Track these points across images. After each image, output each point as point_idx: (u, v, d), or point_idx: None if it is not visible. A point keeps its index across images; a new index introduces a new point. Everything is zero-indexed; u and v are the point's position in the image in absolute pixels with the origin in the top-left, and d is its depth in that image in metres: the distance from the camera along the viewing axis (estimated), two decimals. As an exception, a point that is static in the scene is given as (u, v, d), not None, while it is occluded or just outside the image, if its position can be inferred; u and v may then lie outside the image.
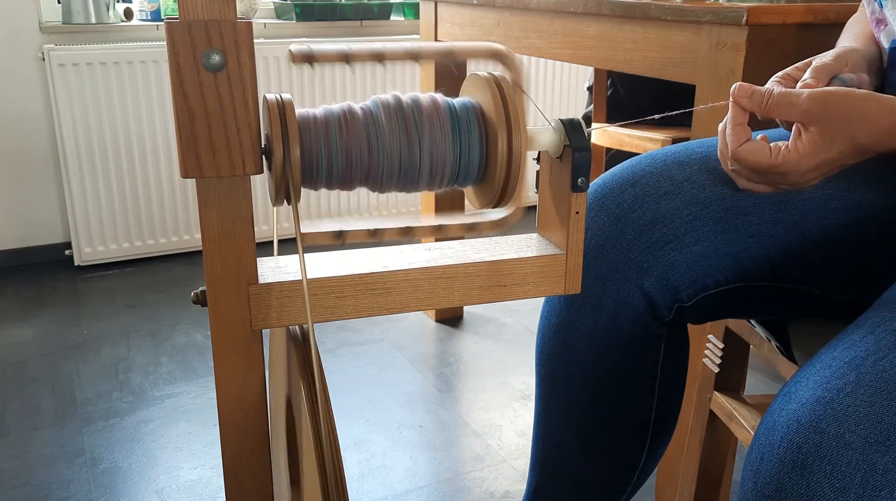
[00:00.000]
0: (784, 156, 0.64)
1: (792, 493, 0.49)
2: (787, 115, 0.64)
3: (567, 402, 0.82)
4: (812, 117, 0.63)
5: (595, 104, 2.18)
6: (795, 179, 0.65)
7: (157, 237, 2.45)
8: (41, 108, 2.31)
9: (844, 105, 0.62)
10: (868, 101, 0.62)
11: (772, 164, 0.65)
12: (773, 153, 0.65)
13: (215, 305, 0.54)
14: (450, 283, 0.58)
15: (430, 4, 1.85)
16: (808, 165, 0.64)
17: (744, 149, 0.66)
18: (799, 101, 0.63)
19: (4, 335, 1.97)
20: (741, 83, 0.67)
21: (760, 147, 0.65)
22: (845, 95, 0.63)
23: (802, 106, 0.63)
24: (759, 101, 0.66)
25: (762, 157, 0.65)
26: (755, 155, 0.65)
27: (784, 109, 0.64)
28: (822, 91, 0.63)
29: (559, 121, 0.57)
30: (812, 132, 0.63)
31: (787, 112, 0.64)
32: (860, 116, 0.62)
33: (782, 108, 0.64)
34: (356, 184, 0.56)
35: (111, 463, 1.46)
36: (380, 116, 0.54)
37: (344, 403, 1.67)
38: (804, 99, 0.63)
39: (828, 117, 0.63)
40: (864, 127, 0.62)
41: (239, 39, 0.48)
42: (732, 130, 0.67)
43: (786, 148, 0.64)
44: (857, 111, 0.62)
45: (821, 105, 0.63)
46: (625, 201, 0.75)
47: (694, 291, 0.73)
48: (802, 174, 0.65)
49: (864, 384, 0.49)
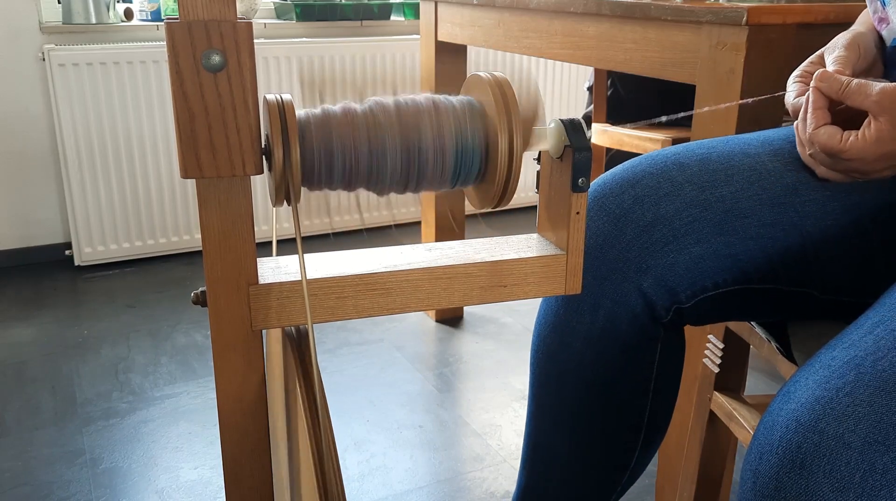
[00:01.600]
0: (851, 143, 0.67)
1: (791, 493, 0.49)
2: (861, 103, 0.67)
3: (561, 401, 0.82)
4: (883, 109, 0.65)
5: (595, 104, 2.18)
6: (862, 167, 0.68)
7: (157, 237, 2.45)
8: (41, 108, 2.31)
9: None
10: None
11: (841, 148, 0.67)
12: (843, 139, 0.67)
13: (215, 305, 0.54)
14: (450, 283, 0.58)
15: (430, 4, 1.85)
16: (874, 154, 0.66)
17: (819, 131, 0.69)
18: (872, 92, 0.66)
19: (4, 335, 1.97)
20: (824, 70, 0.71)
21: (832, 131, 0.68)
22: None
23: (874, 97, 0.66)
24: (837, 87, 0.69)
25: (832, 141, 0.68)
26: (826, 138, 0.68)
27: (857, 97, 0.67)
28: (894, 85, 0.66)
29: (559, 121, 0.57)
30: (881, 122, 0.65)
31: (861, 100, 0.67)
32: None
33: (856, 96, 0.67)
34: (356, 185, 0.56)
35: (111, 463, 1.46)
36: (380, 117, 0.54)
37: (344, 403, 1.67)
38: (877, 90, 0.66)
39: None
40: None
41: (239, 39, 0.48)
42: (812, 113, 0.70)
43: (855, 136, 0.67)
44: None
45: (892, 98, 0.65)
46: (625, 202, 0.75)
47: (693, 292, 0.73)
48: (868, 163, 0.67)
49: (864, 384, 0.49)
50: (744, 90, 1.03)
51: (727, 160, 0.76)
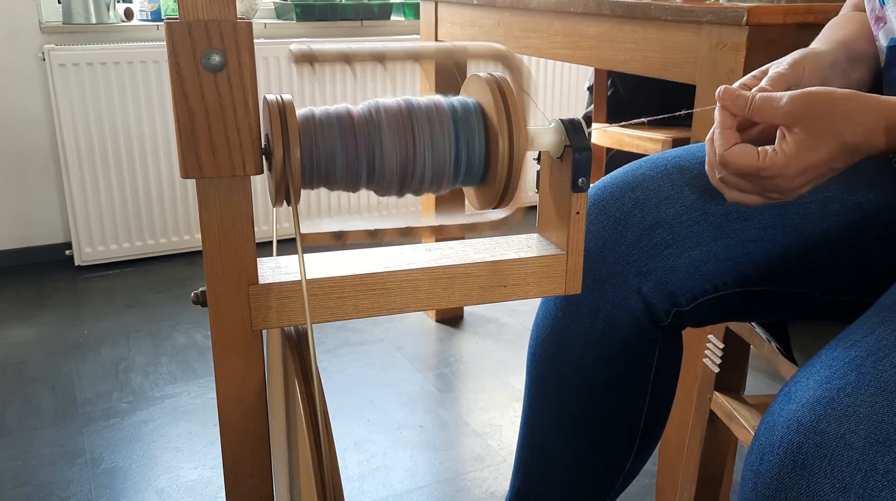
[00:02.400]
0: (771, 158, 0.62)
1: (792, 493, 0.49)
2: (770, 117, 0.63)
3: (559, 404, 0.82)
4: (795, 118, 0.61)
5: (595, 104, 2.18)
6: (784, 184, 0.63)
7: (157, 237, 2.45)
8: (41, 108, 2.31)
9: (827, 103, 0.61)
10: (850, 99, 0.61)
11: (759, 166, 0.63)
12: (759, 156, 0.63)
13: (215, 305, 0.54)
14: (450, 283, 0.58)
15: (431, 4, 1.85)
16: (796, 168, 0.62)
17: (731, 152, 0.64)
18: (780, 103, 0.62)
19: (4, 335, 1.97)
20: (726, 87, 0.66)
21: (747, 150, 0.64)
22: (827, 93, 0.61)
23: (784, 108, 0.62)
24: (742, 104, 0.64)
25: (749, 160, 0.63)
26: (742, 158, 0.64)
27: (766, 111, 0.63)
28: (803, 91, 0.62)
29: (559, 121, 0.57)
30: (796, 133, 0.61)
31: (770, 115, 0.63)
32: (844, 113, 0.60)
33: (764, 111, 0.63)
34: (356, 185, 0.56)
35: (111, 463, 1.46)
36: (380, 117, 0.54)
37: (344, 403, 1.67)
38: (785, 101, 0.62)
39: (811, 117, 0.61)
40: (849, 125, 0.60)
41: (239, 39, 0.48)
42: (721, 133, 0.65)
43: (772, 150, 0.63)
44: (840, 109, 0.61)
45: (803, 105, 0.61)
46: (625, 205, 0.75)
47: (693, 296, 0.73)
48: (790, 179, 0.63)
49: (865, 384, 0.49)
50: (744, 90, 1.03)
51: (727, 162, 0.76)
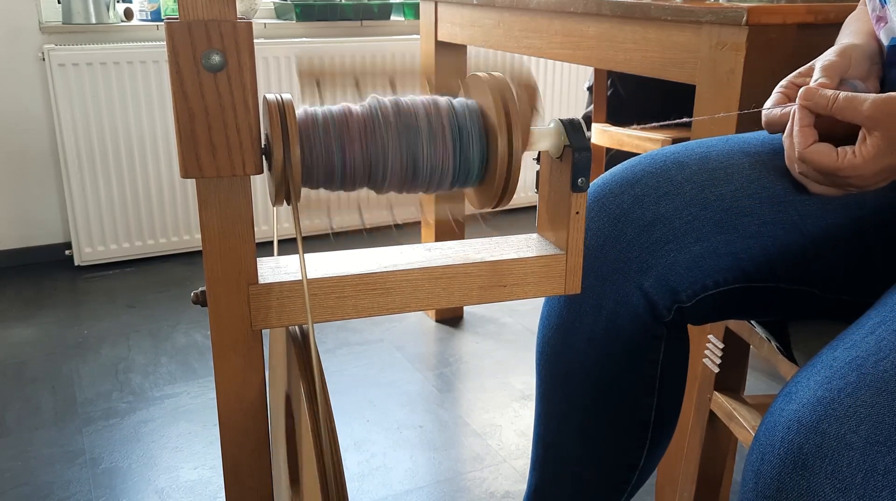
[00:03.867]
0: (849, 160, 0.65)
1: (793, 493, 0.49)
2: (852, 117, 0.65)
3: (567, 402, 0.82)
4: (876, 122, 0.63)
5: (595, 104, 2.18)
6: (859, 183, 0.66)
7: (157, 237, 2.45)
8: (41, 108, 2.31)
9: None
10: None
11: (837, 166, 0.65)
12: (839, 156, 0.65)
13: (215, 305, 0.54)
14: (450, 283, 0.58)
15: (430, 4, 1.85)
16: (872, 170, 0.64)
17: (811, 150, 0.67)
18: (863, 106, 0.64)
19: (4, 335, 1.97)
20: (808, 86, 0.68)
21: (827, 149, 0.66)
22: None
23: (866, 111, 0.64)
24: (824, 104, 0.66)
25: (829, 160, 0.66)
26: (821, 157, 0.66)
27: (848, 112, 0.65)
28: (886, 96, 0.64)
29: (559, 121, 0.57)
30: (876, 136, 0.63)
31: (852, 115, 0.65)
32: None
33: (846, 111, 0.65)
34: (356, 185, 0.56)
35: (111, 463, 1.46)
36: (380, 117, 0.54)
37: (344, 403, 1.67)
38: (868, 104, 0.63)
39: (891, 122, 0.63)
40: None
41: (239, 39, 0.48)
42: (800, 131, 0.68)
43: (851, 152, 0.65)
44: None
45: (884, 110, 0.63)
46: (625, 202, 0.75)
47: (693, 291, 0.73)
48: (866, 178, 0.65)
49: (865, 385, 0.49)
50: (744, 90, 1.03)
51: (727, 159, 0.76)
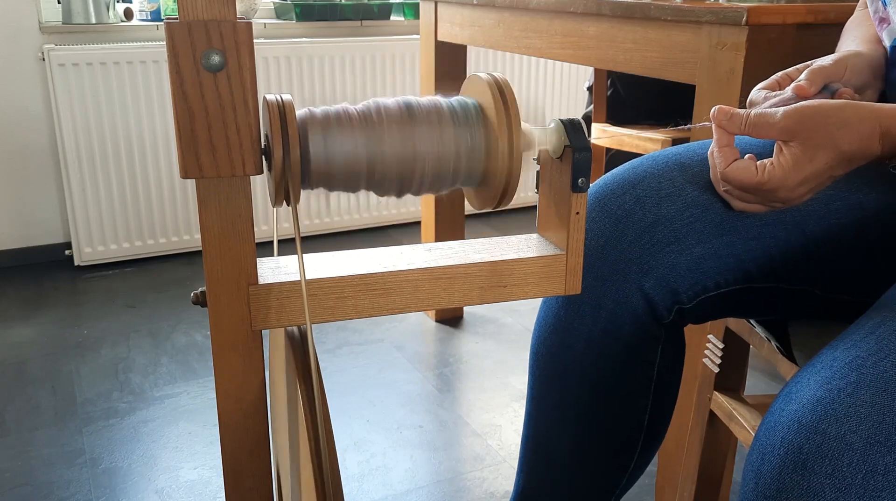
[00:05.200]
0: (770, 172, 0.65)
1: (793, 493, 0.49)
2: (766, 134, 0.65)
3: (561, 403, 0.82)
4: (790, 133, 0.64)
5: (595, 104, 2.18)
6: (785, 195, 0.66)
7: (157, 237, 2.45)
8: (41, 108, 2.31)
9: (821, 116, 0.63)
10: (845, 108, 0.63)
11: (759, 181, 0.66)
12: (759, 171, 0.66)
13: (215, 305, 0.54)
14: (450, 283, 0.58)
15: (430, 4, 1.85)
16: (795, 180, 0.64)
17: (731, 169, 0.67)
18: (775, 119, 0.64)
19: (4, 335, 1.97)
20: (720, 106, 0.68)
21: (747, 166, 0.66)
22: (819, 106, 0.64)
23: (779, 124, 0.64)
24: (738, 123, 0.67)
25: (749, 175, 0.66)
26: (742, 173, 0.66)
27: (762, 128, 0.65)
28: (796, 107, 0.64)
29: (559, 121, 0.57)
30: (793, 146, 0.64)
31: (766, 131, 0.65)
32: (839, 123, 0.63)
33: (760, 127, 0.65)
34: (356, 185, 0.56)
35: (111, 463, 1.46)
36: (380, 117, 0.54)
37: (344, 403, 1.67)
38: (780, 117, 0.64)
39: (806, 130, 0.63)
40: (845, 134, 0.63)
41: (239, 39, 0.48)
42: (719, 151, 0.68)
43: (770, 165, 0.65)
44: (835, 119, 0.63)
45: (797, 120, 0.63)
46: (626, 203, 0.75)
47: (694, 292, 0.73)
48: (791, 190, 0.65)
49: (866, 385, 0.49)
50: (744, 90, 1.03)
51: (728, 160, 0.76)
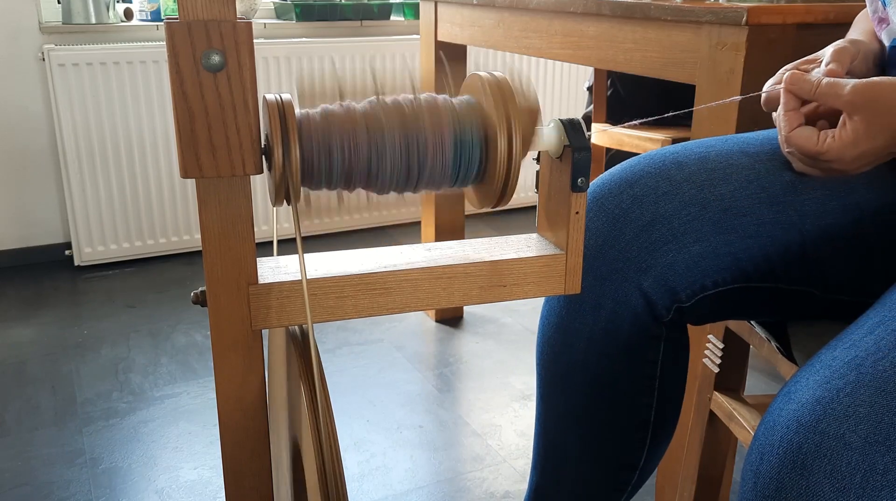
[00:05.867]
0: (828, 145, 0.66)
1: (792, 493, 0.49)
2: (833, 103, 0.66)
3: (567, 402, 0.82)
4: (856, 107, 0.64)
5: (595, 104, 2.18)
6: (840, 167, 0.67)
7: (157, 237, 2.45)
8: (41, 108, 2.31)
9: (889, 95, 0.63)
10: None
11: (817, 151, 0.67)
12: (819, 141, 0.66)
13: (215, 305, 0.54)
14: (450, 283, 0.58)
15: (430, 4, 1.85)
16: (852, 155, 0.65)
17: (794, 134, 0.68)
18: (844, 91, 0.65)
19: (4, 335, 1.97)
20: (793, 71, 0.69)
21: (809, 134, 0.67)
22: (889, 84, 0.64)
23: (846, 97, 0.64)
24: (808, 88, 0.68)
25: (809, 143, 0.67)
26: (803, 140, 0.68)
27: (830, 98, 0.66)
28: (867, 82, 0.64)
29: (559, 121, 0.57)
30: (856, 121, 0.64)
31: (833, 100, 0.66)
32: None
33: (828, 97, 0.66)
34: (356, 185, 0.56)
35: (111, 463, 1.46)
36: (380, 117, 0.54)
37: (344, 403, 1.67)
38: (848, 90, 0.64)
39: (871, 108, 0.64)
40: None
41: (239, 39, 0.48)
42: (784, 115, 0.69)
43: (831, 137, 0.66)
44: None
45: (864, 95, 0.64)
46: (624, 202, 0.75)
47: (693, 291, 0.73)
48: (846, 163, 0.66)
49: (865, 385, 0.49)
50: (744, 90, 1.03)
51: (726, 159, 0.76)
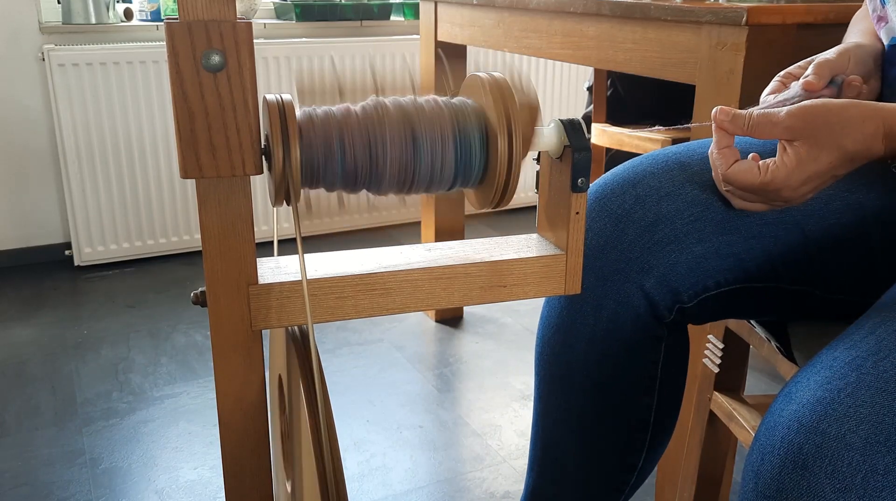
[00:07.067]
0: (773, 172, 0.64)
1: (793, 493, 0.49)
2: (770, 134, 0.65)
3: (566, 402, 0.82)
4: (794, 132, 0.63)
5: (595, 104, 2.18)
6: (788, 195, 0.66)
7: (157, 237, 2.45)
8: (41, 108, 2.31)
9: (824, 115, 0.63)
10: (848, 107, 0.63)
11: (762, 182, 0.65)
12: (762, 171, 0.65)
13: (215, 305, 0.54)
14: (450, 283, 0.58)
15: (430, 4, 1.85)
16: (798, 179, 0.64)
17: (733, 170, 0.67)
18: (779, 118, 0.64)
19: (4, 335, 1.97)
20: (721, 107, 0.68)
21: (749, 167, 0.66)
22: (823, 105, 0.63)
23: (783, 123, 0.64)
24: (740, 123, 0.66)
25: (752, 176, 0.66)
26: (745, 175, 0.66)
27: (765, 128, 0.65)
28: (800, 106, 0.64)
29: (558, 121, 0.57)
30: (796, 146, 0.63)
31: (769, 131, 0.65)
32: (843, 122, 0.62)
33: (763, 127, 0.65)
34: (356, 185, 0.56)
35: (111, 463, 1.46)
36: (380, 117, 0.54)
37: (344, 403, 1.67)
38: (783, 116, 0.64)
39: (810, 130, 0.63)
40: (849, 133, 0.62)
41: (239, 39, 0.48)
42: (719, 153, 0.68)
43: (773, 164, 0.65)
44: (839, 118, 0.63)
45: (801, 119, 0.63)
46: (626, 202, 0.75)
47: (695, 292, 0.73)
48: (794, 189, 0.65)
49: (865, 385, 0.49)
50: (744, 90, 1.03)
51: (727, 159, 0.76)
